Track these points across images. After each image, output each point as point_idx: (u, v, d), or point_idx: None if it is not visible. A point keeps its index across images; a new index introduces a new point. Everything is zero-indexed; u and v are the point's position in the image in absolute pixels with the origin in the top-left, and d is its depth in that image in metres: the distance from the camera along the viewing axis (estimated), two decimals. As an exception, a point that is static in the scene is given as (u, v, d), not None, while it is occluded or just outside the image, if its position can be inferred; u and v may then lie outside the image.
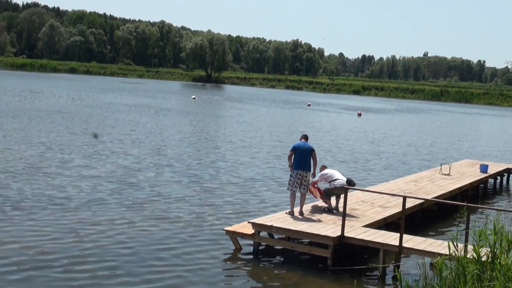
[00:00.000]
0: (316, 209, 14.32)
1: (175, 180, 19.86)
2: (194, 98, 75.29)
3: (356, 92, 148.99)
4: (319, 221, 13.16)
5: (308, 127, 44.93)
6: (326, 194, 14.39)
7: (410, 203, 15.12)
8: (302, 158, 13.65)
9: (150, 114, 45.96)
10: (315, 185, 14.58)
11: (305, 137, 14.14)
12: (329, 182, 14.35)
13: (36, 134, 28.71)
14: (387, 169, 26.29)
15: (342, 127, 48.14)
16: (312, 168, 13.88)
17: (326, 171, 14.57)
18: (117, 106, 52.09)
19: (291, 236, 12.80)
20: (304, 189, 13.75)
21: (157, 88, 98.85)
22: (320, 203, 14.98)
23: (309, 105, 78.24)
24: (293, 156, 13.73)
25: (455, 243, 8.78)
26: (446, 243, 11.67)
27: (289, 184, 13.79)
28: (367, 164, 27.51)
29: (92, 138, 28.41)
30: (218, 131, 37.77)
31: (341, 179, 14.24)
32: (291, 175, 13.72)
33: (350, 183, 13.98)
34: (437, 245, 11.70)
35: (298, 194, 14.19)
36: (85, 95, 63.46)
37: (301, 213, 13.61)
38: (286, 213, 13.72)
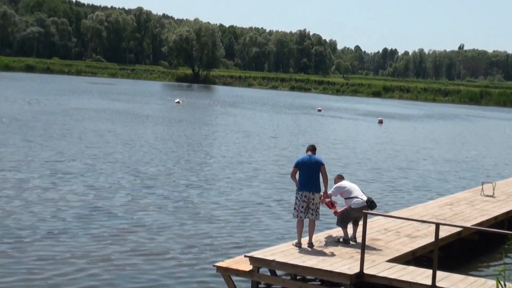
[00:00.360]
0: (329, 240, 14.27)
1: (156, 205, 19.81)
2: (179, 102, 75.46)
3: (376, 94, 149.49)
4: (333, 254, 13.10)
5: (319, 137, 44.99)
6: (341, 220, 14.20)
7: (445, 232, 15.06)
8: (307, 175, 13.47)
9: (126, 122, 46.01)
10: (330, 199, 14.33)
11: (312, 149, 13.87)
12: (345, 199, 14.17)
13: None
14: (416, 190, 26.27)
15: (360, 138, 48.23)
16: (322, 187, 13.75)
17: (343, 183, 14.32)
18: (85, 112, 52.16)
19: (298, 273, 12.72)
20: (312, 214, 13.55)
21: (133, 90, 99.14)
22: (335, 232, 14.93)
23: (319, 110, 78.44)
24: (298, 173, 13.63)
25: (502, 282, 8.73)
26: (491, 282, 11.62)
27: (294, 209, 13.67)
28: (392, 183, 27.48)
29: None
30: (208, 143, 37.79)
31: (360, 198, 14.07)
32: (296, 198, 13.61)
33: (370, 204, 13.87)
34: (479, 285, 11.65)
35: (306, 221, 14.12)
36: (45, 99, 63.60)
37: (310, 244, 13.55)
38: (292, 244, 13.65)
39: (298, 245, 13.50)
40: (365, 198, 14.09)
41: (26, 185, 21.23)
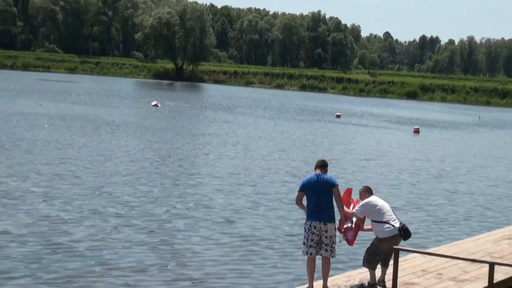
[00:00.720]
0: (350, 284, 14.38)
1: (130, 240, 19.88)
2: (156, 105, 75.70)
3: (412, 95, 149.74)
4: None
5: (337, 151, 45.11)
6: (368, 258, 13.91)
7: (502, 274, 15.17)
8: (316, 201, 13.39)
9: (89, 132, 46.13)
10: (351, 222, 14.11)
11: (322, 166, 13.77)
12: (373, 222, 13.89)
13: None
14: (464, 220, 26.41)
15: (391, 152, 48.33)
16: (338, 214, 13.68)
17: (372, 199, 14.09)
18: (36, 118, 52.29)
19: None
20: (327, 250, 13.48)
21: (98, 89, 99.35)
22: (357, 273, 15.04)
23: (338, 116, 78.62)
24: (305, 198, 13.58)
25: None
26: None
27: (303, 243, 13.57)
28: (432, 211, 27.59)
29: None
30: (196, 159, 37.89)
31: (391, 224, 13.76)
32: (304, 229, 13.54)
33: (405, 233, 13.66)
34: None
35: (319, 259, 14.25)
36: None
37: None
38: None
39: None
40: (397, 225, 13.77)
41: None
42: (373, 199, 14.10)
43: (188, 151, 40.67)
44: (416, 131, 66.01)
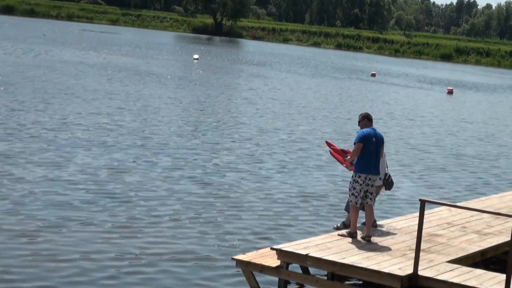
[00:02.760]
0: (377, 233, 14.39)
1: (171, 185, 20.12)
2: (197, 58, 75.62)
3: (447, 57, 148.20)
4: (380, 250, 13.20)
5: (372, 109, 44.92)
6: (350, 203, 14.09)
7: (523, 229, 15.13)
8: (375, 154, 13.62)
9: (133, 83, 46.21)
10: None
11: (371, 120, 13.96)
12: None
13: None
14: (494, 177, 26.34)
15: (424, 111, 48.04)
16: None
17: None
18: (81, 67, 52.40)
19: (336, 272, 12.87)
20: (371, 199, 13.86)
21: (139, 42, 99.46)
22: (385, 223, 15.10)
23: (373, 74, 78.17)
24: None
25: None
26: None
27: (352, 194, 13.78)
28: (462, 168, 27.52)
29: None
30: (236, 112, 37.88)
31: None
32: (355, 181, 13.71)
33: (387, 181, 14.37)
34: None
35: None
36: (28, 49, 63.84)
37: (368, 237, 13.75)
38: (338, 235, 13.83)
39: (352, 234, 13.67)
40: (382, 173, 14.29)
41: (19, 161, 21.31)
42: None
43: (226, 104, 40.69)
44: (450, 92, 65.48)
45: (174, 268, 13.76)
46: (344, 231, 13.85)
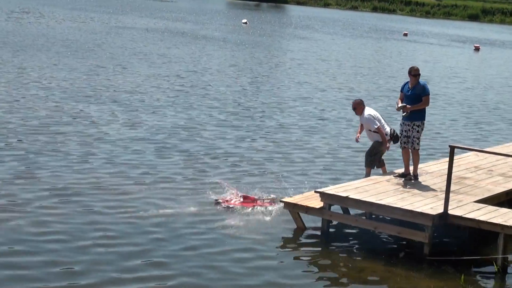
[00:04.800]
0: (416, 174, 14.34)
1: (218, 135, 20.31)
2: (246, 23, 75.30)
3: (473, 18, 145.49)
4: (413, 192, 13.17)
5: (404, 65, 44.44)
6: (369, 159, 14.62)
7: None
8: None
9: (190, 46, 46.16)
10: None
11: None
12: (370, 131, 14.61)
13: (34, 73, 29.15)
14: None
15: (452, 66, 47.46)
16: None
17: (372, 111, 14.67)
18: (142, 33, 52.41)
19: (374, 212, 12.90)
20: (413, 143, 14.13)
21: (193, 9, 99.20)
22: (425, 166, 15.17)
23: (405, 34, 77.17)
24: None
25: None
26: None
27: (420, 140, 14.24)
28: (487, 117, 27.22)
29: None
30: (283, 69, 37.79)
31: (386, 130, 14.61)
32: (422, 129, 14.19)
33: (394, 137, 14.50)
34: None
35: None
36: (86, 16, 63.68)
37: (415, 176, 14.05)
38: (394, 176, 14.05)
39: (405, 175, 14.03)
40: (389, 130, 14.56)
41: (99, 121, 21.33)
42: (372, 111, 14.66)
43: (273, 62, 40.59)
44: (476, 49, 64.39)
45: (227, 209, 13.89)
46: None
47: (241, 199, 14.03)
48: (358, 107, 14.66)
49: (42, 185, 14.38)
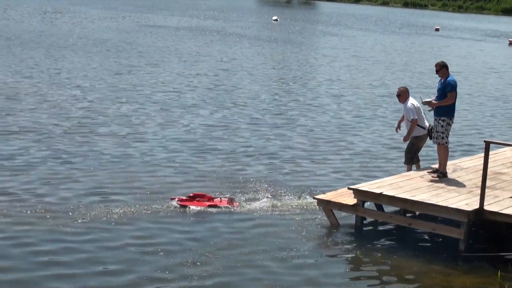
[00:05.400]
0: (449, 170, 14.23)
1: (252, 133, 20.38)
2: (276, 19, 75.24)
3: (507, 12, 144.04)
4: (448, 188, 13.08)
5: (436, 60, 44.17)
6: (408, 156, 14.44)
7: None
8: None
9: (216, 42, 46.29)
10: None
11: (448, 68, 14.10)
12: (410, 121, 14.41)
13: (67, 73, 29.36)
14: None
15: (488, 61, 46.99)
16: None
17: (414, 103, 14.51)
18: (167, 31, 52.58)
19: (408, 208, 12.83)
20: (437, 137, 14.04)
21: (223, 6, 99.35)
22: (460, 162, 15.18)
23: (437, 29, 76.59)
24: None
25: None
26: None
27: (446, 136, 13.84)
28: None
29: None
30: (315, 66, 37.77)
31: (425, 124, 14.47)
32: (448, 124, 13.86)
33: (430, 131, 14.28)
34: None
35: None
36: (118, 15, 63.94)
37: (442, 173, 13.88)
38: (432, 177, 13.79)
39: (444, 174, 13.81)
40: (427, 125, 14.38)
41: (133, 121, 21.48)
42: (415, 102, 14.53)
43: (305, 59, 40.54)
44: (511, 44, 63.73)
45: (250, 204, 13.96)
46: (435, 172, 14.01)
47: (199, 199, 13.66)
48: (403, 94, 14.56)
49: (79, 185, 14.48)
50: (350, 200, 12.94)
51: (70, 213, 12.82)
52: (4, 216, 12.48)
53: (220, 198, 13.91)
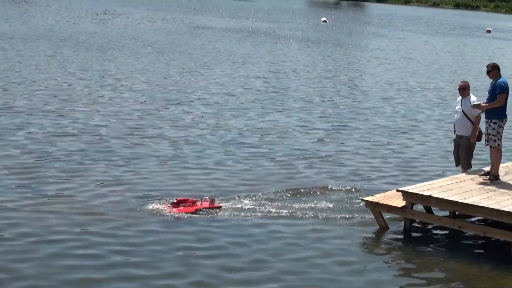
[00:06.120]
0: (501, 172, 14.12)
1: (304, 136, 20.40)
2: (325, 21, 75.13)
3: None
4: (499, 191, 12.96)
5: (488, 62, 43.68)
6: (467, 158, 14.30)
7: None
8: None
9: (265, 44, 46.37)
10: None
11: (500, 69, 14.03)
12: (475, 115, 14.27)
13: (118, 75, 29.61)
14: None
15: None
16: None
17: (476, 99, 14.34)
18: (216, 32, 52.72)
19: (458, 211, 12.77)
20: (489, 140, 13.97)
21: (272, 8, 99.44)
22: (503, 167, 14.82)
23: (488, 31, 75.68)
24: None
25: None
26: None
27: (498, 139, 13.72)
28: None
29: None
30: (362, 67, 37.71)
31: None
32: (500, 126, 13.74)
33: (480, 133, 14.25)
34: None
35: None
36: (166, 17, 64.22)
37: (494, 176, 13.74)
38: (479, 174, 13.80)
39: (496, 177, 13.68)
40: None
41: (185, 121, 21.78)
42: (476, 99, 14.32)
43: (353, 61, 40.46)
44: None
45: (296, 205, 13.99)
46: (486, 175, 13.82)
47: (181, 205, 13.38)
48: (468, 88, 14.35)
49: (132, 188, 14.51)
50: (399, 202, 12.90)
51: (125, 215, 12.94)
52: (61, 218, 12.63)
53: (201, 200, 13.71)
